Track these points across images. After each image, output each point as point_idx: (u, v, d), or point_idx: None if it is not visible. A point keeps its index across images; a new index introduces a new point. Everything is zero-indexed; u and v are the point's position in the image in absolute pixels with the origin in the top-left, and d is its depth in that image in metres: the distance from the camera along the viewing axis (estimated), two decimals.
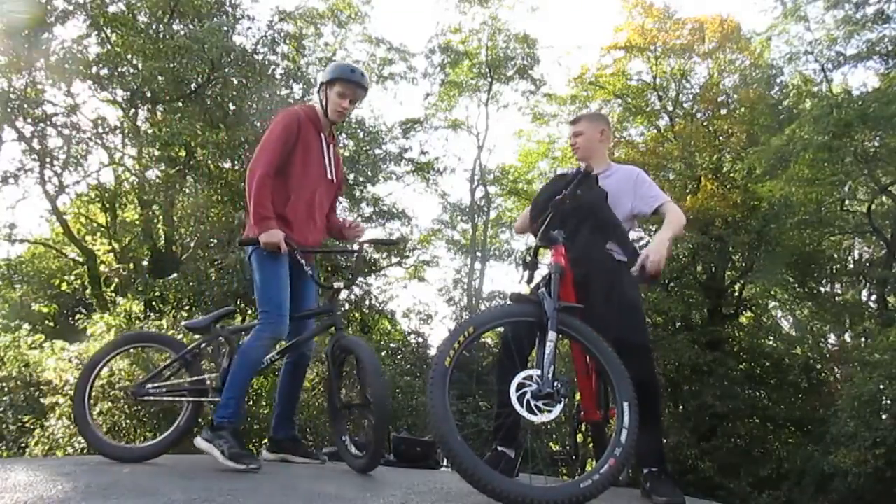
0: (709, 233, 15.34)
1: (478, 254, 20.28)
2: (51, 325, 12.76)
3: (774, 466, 13.99)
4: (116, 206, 13.04)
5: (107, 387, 6.81)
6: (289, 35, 14.04)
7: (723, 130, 16.76)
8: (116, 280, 12.17)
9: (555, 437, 7.54)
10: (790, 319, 19.52)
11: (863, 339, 16.06)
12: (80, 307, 12.25)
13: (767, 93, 16.16)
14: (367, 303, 15.44)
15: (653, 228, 10.69)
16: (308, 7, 16.68)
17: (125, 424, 7.14)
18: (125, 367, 6.91)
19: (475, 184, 20.50)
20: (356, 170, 14.08)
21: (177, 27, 12.29)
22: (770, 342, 17.33)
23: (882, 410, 11.53)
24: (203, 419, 3.35)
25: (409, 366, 13.39)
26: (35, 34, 10.66)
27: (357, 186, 14.84)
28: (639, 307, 3.10)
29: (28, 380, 7.86)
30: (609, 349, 2.44)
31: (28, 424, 7.73)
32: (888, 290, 15.33)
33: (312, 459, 3.25)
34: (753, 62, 16.95)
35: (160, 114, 12.37)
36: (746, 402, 14.71)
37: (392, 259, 17.23)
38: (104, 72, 11.40)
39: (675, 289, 16.52)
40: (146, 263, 12.63)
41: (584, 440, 3.65)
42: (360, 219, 16.43)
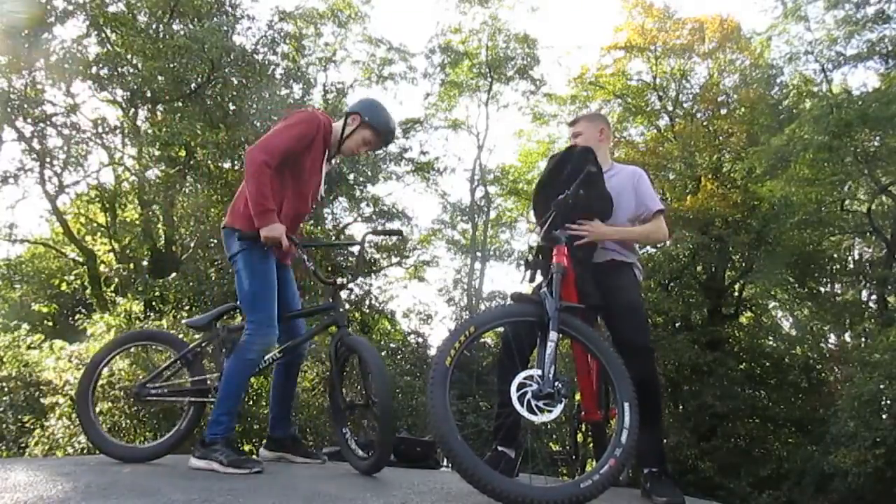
0: (709, 233, 15.33)
1: (478, 254, 20.27)
2: (51, 325, 12.75)
3: (774, 466, 13.99)
4: (116, 206, 13.01)
5: (107, 387, 6.81)
6: (289, 35, 14.05)
7: (723, 130, 16.75)
8: (116, 280, 12.16)
9: (555, 437, 7.54)
10: (790, 319, 19.50)
11: (863, 339, 16.05)
12: (80, 307, 12.22)
13: (767, 93, 16.16)
14: (367, 303, 15.46)
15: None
16: (308, 7, 16.74)
17: (125, 424, 7.14)
18: (125, 368, 6.92)
19: (475, 184, 20.51)
20: (356, 170, 14.04)
21: (177, 27, 12.28)
22: (770, 342, 17.35)
23: (882, 410, 11.54)
24: (203, 419, 3.34)
25: (409, 366, 13.39)
26: (35, 34, 10.65)
27: (357, 186, 14.83)
28: (640, 308, 3.11)
29: (28, 380, 7.87)
30: (610, 349, 2.45)
31: (28, 424, 7.75)
32: (888, 290, 15.32)
33: (312, 459, 3.21)
34: (753, 62, 16.95)
35: (160, 114, 12.39)
36: (746, 402, 14.72)
37: (392, 259, 17.24)
38: (104, 72, 11.39)
39: (675, 289, 16.53)
40: (146, 263, 12.61)
41: (585, 440, 3.65)
42: (360, 219, 16.47)
